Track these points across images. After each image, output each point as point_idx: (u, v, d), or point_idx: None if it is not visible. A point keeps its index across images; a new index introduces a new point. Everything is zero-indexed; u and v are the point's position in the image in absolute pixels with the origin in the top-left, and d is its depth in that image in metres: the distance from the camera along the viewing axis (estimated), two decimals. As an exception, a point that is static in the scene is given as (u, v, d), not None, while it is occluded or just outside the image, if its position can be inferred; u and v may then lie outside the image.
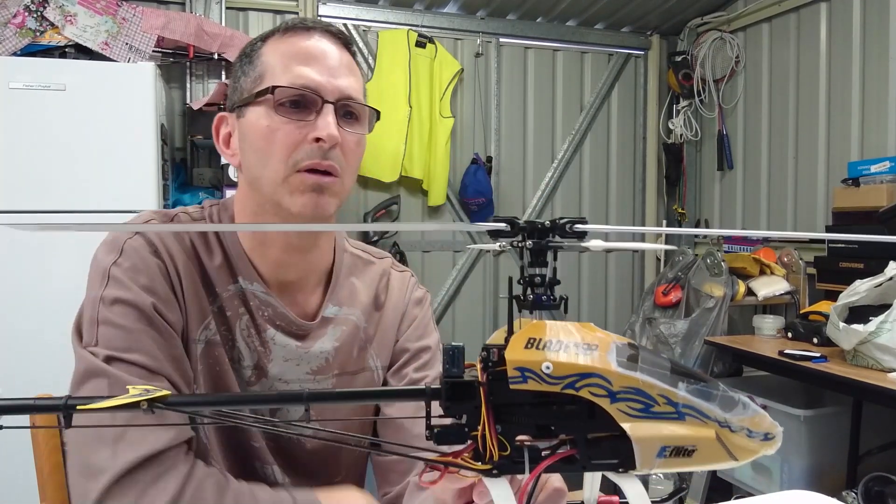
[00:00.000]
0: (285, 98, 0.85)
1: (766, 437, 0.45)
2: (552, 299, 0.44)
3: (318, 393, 0.47)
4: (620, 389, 0.41)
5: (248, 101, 0.87)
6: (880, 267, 2.25)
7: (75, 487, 0.78)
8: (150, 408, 0.44)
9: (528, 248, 0.44)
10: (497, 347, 0.43)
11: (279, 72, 0.86)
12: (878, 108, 2.91)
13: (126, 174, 2.44)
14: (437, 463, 0.46)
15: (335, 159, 0.86)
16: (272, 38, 0.90)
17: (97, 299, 0.83)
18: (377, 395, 0.59)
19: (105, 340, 0.81)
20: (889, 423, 2.44)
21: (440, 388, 0.45)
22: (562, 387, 0.41)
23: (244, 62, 0.91)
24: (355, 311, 0.99)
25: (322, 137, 0.83)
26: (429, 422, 0.45)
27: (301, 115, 0.85)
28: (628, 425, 0.41)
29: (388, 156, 3.44)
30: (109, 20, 2.70)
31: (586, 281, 4.01)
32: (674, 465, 0.42)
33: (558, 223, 0.44)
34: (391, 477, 0.97)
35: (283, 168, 0.85)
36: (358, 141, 0.90)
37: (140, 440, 0.77)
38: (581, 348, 0.42)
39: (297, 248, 0.93)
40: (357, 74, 0.92)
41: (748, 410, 0.44)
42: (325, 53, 0.88)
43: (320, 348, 0.95)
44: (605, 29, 3.96)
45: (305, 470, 0.95)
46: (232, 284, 0.91)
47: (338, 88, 0.87)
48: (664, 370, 0.43)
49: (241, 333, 0.91)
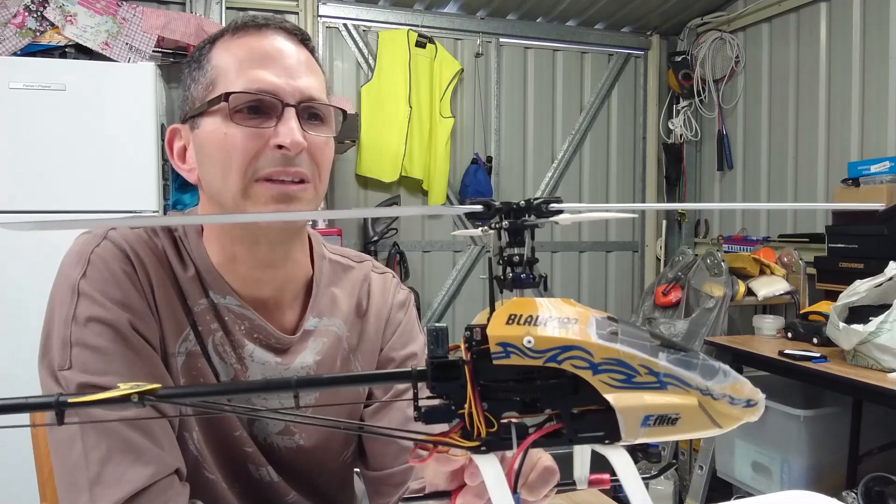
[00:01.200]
0: (241, 104, 0.78)
1: (748, 403, 0.45)
2: (531, 277, 0.44)
3: (306, 379, 0.47)
4: (602, 361, 0.42)
5: (201, 110, 0.81)
6: (880, 267, 2.25)
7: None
8: (141, 401, 0.44)
9: (504, 229, 0.44)
10: (480, 327, 0.44)
11: (232, 76, 0.80)
12: (878, 108, 2.92)
13: (126, 174, 2.44)
14: (425, 442, 0.46)
15: (303, 165, 0.80)
16: (221, 40, 0.83)
17: (69, 318, 0.78)
18: (366, 380, 0.59)
19: (79, 364, 0.76)
20: (889, 423, 2.44)
21: (426, 369, 0.45)
22: (544, 360, 0.41)
23: (193, 68, 0.84)
24: (336, 321, 0.95)
25: (285, 145, 0.77)
26: (416, 403, 0.46)
27: (260, 121, 0.79)
28: (611, 396, 0.42)
29: (388, 156, 3.45)
30: (109, 20, 2.71)
31: (586, 281, 4.01)
32: (658, 433, 0.42)
33: (533, 203, 0.44)
34: (383, 490, 0.96)
35: (243, 179, 0.79)
36: (325, 142, 0.84)
37: (117, 480, 0.73)
38: (561, 322, 0.42)
39: (269, 263, 0.87)
40: (318, 73, 0.86)
41: (729, 378, 0.44)
42: (282, 52, 0.81)
43: (301, 363, 0.90)
44: (605, 29, 3.97)
45: (293, 469, 0.94)
46: (203, 298, 0.86)
47: (298, 90, 0.80)
48: (644, 341, 0.44)
49: (216, 349, 0.86)
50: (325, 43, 3.44)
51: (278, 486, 0.93)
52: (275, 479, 0.92)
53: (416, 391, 0.45)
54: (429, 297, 3.69)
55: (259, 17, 0.84)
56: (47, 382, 0.78)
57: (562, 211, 0.43)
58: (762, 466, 2.50)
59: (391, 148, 3.44)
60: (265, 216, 0.79)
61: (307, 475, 0.96)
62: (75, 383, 0.75)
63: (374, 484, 0.97)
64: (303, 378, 0.46)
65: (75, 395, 0.45)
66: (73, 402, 0.45)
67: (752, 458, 2.54)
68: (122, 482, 0.73)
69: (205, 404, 0.46)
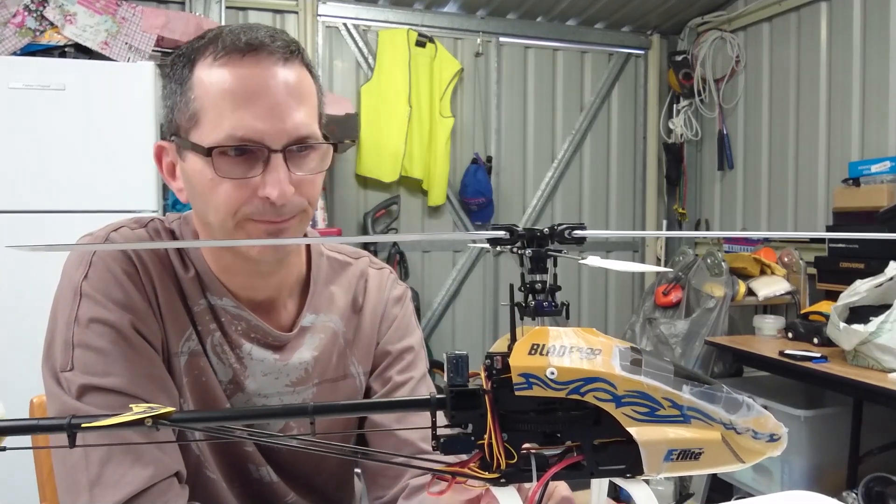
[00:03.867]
0: (226, 150, 0.76)
1: (771, 438, 0.44)
2: (553, 305, 0.43)
3: (322, 406, 0.46)
4: (625, 393, 0.41)
5: (185, 146, 0.79)
6: (881, 267, 2.25)
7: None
8: (155, 424, 0.44)
9: (527, 256, 0.44)
10: (501, 355, 0.43)
11: (214, 117, 0.76)
12: (878, 108, 2.91)
13: (126, 174, 2.43)
14: (444, 473, 0.45)
15: (293, 210, 0.79)
16: (202, 63, 0.78)
17: (71, 320, 0.78)
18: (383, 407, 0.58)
19: (81, 365, 0.77)
20: (889, 423, 2.44)
21: (445, 397, 0.45)
22: (567, 392, 0.41)
23: (174, 89, 0.81)
24: (333, 317, 0.96)
25: (272, 198, 0.76)
26: (434, 431, 0.45)
27: (246, 166, 0.77)
28: (634, 429, 0.41)
29: (388, 156, 3.44)
30: (109, 20, 2.69)
31: (587, 281, 4.00)
32: (681, 468, 0.42)
33: (556, 230, 0.44)
34: (381, 481, 0.96)
35: (232, 220, 0.78)
36: (315, 177, 0.82)
37: (117, 481, 0.73)
38: (584, 353, 0.42)
39: (265, 273, 0.88)
40: (308, 96, 0.81)
41: (752, 412, 0.44)
42: (267, 86, 0.76)
43: (299, 359, 0.91)
44: (605, 28, 3.96)
45: (293, 469, 0.95)
46: (202, 299, 0.87)
47: (285, 132, 0.76)
48: (668, 373, 0.43)
49: (215, 350, 0.87)
50: (324, 42, 3.42)
51: (278, 486, 0.93)
52: (274, 480, 0.93)
53: (435, 419, 0.44)
54: (429, 297, 3.68)
55: (242, 39, 0.77)
56: (50, 384, 0.78)
57: (585, 238, 0.43)
58: (762, 466, 2.50)
59: (391, 148, 3.43)
60: (260, 241, 0.79)
61: (306, 475, 0.96)
62: (77, 384, 0.76)
63: (372, 475, 0.98)
64: (319, 405, 0.45)
65: (87, 417, 0.45)
66: (86, 425, 0.45)
67: (753, 459, 2.54)
68: (122, 483, 0.73)
69: (217, 429, 0.46)
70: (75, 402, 0.76)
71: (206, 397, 0.86)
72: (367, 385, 0.99)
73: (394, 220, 3.53)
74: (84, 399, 0.76)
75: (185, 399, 0.85)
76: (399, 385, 0.97)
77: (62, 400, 0.77)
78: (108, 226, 0.88)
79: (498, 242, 0.43)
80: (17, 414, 0.49)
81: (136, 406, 0.46)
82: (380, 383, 0.99)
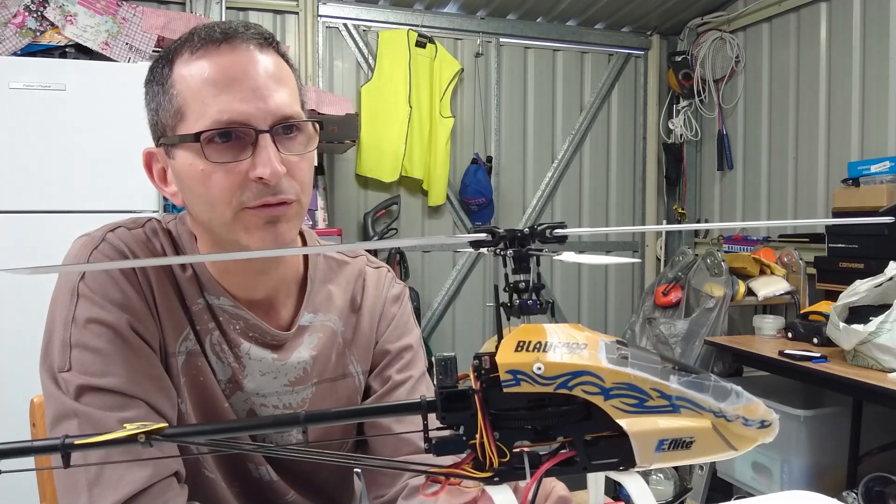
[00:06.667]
0: (213, 135, 0.76)
1: (762, 424, 0.45)
2: (538, 303, 0.44)
3: (315, 414, 0.47)
4: (613, 386, 0.42)
5: (173, 142, 0.79)
6: (880, 267, 2.25)
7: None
8: (148, 441, 0.44)
9: (509, 257, 0.44)
10: (488, 355, 0.44)
11: (198, 106, 0.77)
12: (878, 108, 2.91)
13: (126, 174, 2.43)
14: (437, 474, 0.46)
15: (286, 189, 0.79)
16: (180, 60, 0.80)
17: (68, 320, 0.79)
18: (374, 412, 0.58)
19: (79, 365, 0.77)
20: (889, 423, 2.44)
21: (435, 399, 0.45)
22: (555, 387, 0.41)
23: (156, 91, 0.82)
24: (331, 316, 0.96)
25: (265, 177, 0.76)
26: (427, 434, 0.45)
27: (235, 151, 0.77)
28: (624, 421, 0.41)
29: (388, 156, 3.44)
30: (109, 20, 2.70)
31: (586, 281, 4.01)
32: (673, 458, 0.42)
33: (537, 229, 0.44)
34: (381, 480, 0.96)
35: (229, 210, 0.79)
36: (304, 156, 0.83)
37: (116, 482, 0.73)
38: (570, 347, 0.42)
39: (262, 271, 0.89)
40: (288, 79, 0.82)
41: (741, 399, 0.44)
42: (246, 71, 0.77)
43: (297, 358, 0.92)
44: (605, 29, 3.96)
45: (293, 468, 0.95)
46: (200, 298, 0.87)
47: (269, 112, 0.77)
48: (654, 364, 0.43)
49: (213, 349, 0.87)
50: (325, 43, 3.43)
51: (277, 485, 0.94)
52: (274, 479, 0.93)
53: (426, 422, 0.44)
54: (428, 297, 3.69)
55: (217, 30, 0.79)
56: (48, 384, 0.79)
57: (566, 237, 0.43)
58: (762, 467, 2.50)
59: (391, 148, 3.44)
60: (260, 253, 0.79)
61: (306, 473, 0.96)
62: (75, 385, 0.76)
63: (372, 474, 0.98)
64: (312, 413, 0.45)
65: (81, 437, 0.45)
66: (80, 443, 0.45)
67: (753, 459, 2.55)
68: (121, 483, 0.73)
69: (214, 442, 0.46)
70: (73, 402, 0.76)
71: (204, 397, 0.86)
72: (367, 384, 0.99)
73: (394, 221, 3.53)
74: (82, 399, 0.76)
75: (183, 399, 0.85)
76: (398, 384, 0.98)
77: (60, 400, 0.77)
78: (105, 226, 0.88)
79: (480, 245, 0.44)
80: (17, 414, 0.49)
81: (129, 424, 0.46)
82: (379, 382, 0.99)
